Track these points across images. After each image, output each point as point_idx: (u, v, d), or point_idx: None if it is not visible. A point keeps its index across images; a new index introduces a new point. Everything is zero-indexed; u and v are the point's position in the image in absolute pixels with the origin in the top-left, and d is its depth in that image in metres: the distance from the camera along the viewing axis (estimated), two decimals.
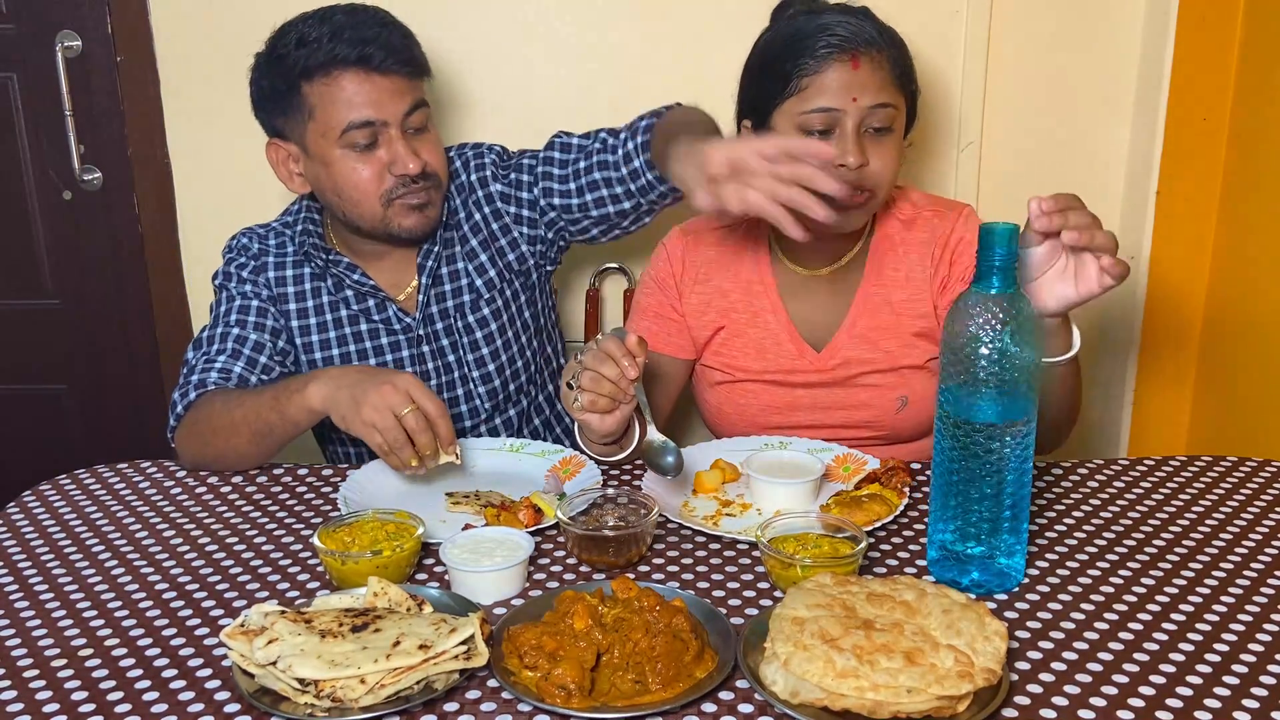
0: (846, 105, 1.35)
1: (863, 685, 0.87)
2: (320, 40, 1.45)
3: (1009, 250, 1.03)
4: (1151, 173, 2.00)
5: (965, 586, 1.11)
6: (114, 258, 2.14)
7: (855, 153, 1.35)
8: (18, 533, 1.28)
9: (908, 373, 1.51)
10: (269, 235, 1.64)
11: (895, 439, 1.55)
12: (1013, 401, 1.05)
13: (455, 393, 1.65)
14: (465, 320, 1.64)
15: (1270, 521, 1.27)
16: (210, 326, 1.58)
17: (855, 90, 1.34)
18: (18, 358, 2.21)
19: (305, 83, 1.47)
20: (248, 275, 1.60)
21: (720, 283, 1.55)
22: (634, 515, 1.22)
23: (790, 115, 1.38)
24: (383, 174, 1.50)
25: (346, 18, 1.48)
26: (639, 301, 1.61)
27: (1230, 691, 0.94)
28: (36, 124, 2.07)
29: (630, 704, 0.91)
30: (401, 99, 1.49)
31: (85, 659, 1.01)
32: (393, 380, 1.29)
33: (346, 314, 1.62)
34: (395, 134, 1.49)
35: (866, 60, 1.35)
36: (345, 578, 1.12)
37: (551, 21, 1.99)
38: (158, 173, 2.06)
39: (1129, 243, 2.09)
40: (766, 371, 1.53)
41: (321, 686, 0.90)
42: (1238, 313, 1.97)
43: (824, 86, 1.35)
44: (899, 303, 1.51)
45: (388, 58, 1.46)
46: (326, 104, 1.47)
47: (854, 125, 1.36)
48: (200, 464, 1.46)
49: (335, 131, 1.47)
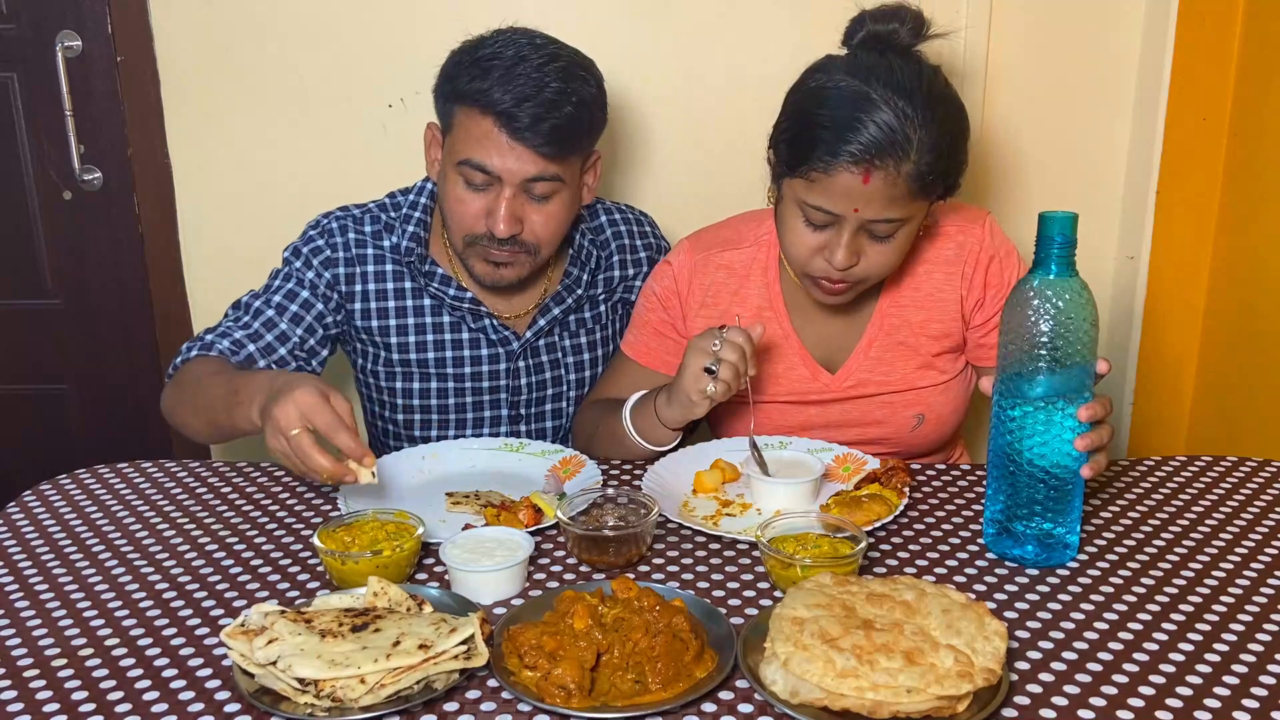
0: (847, 213, 1.30)
1: (862, 685, 0.87)
2: (489, 74, 1.41)
3: (1067, 237, 1.08)
4: (1151, 173, 2.00)
5: (1021, 557, 1.15)
6: (114, 258, 2.14)
7: (844, 256, 1.32)
8: (18, 533, 1.28)
9: (925, 392, 1.50)
10: (365, 219, 1.59)
11: (911, 454, 1.54)
12: (1070, 377, 1.10)
13: (544, 408, 1.67)
14: (565, 344, 1.66)
15: (1270, 521, 1.27)
16: (256, 295, 1.56)
17: (859, 201, 1.28)
18: (18, 358, 2.21)
19: (458, 101, 1.45)
20: (317, 263, 1.56)
21: (728, 306, 1.52)
22: (634, 515, 1.22)
23: (795, 192, 1.33)
24: (480, 217, 1.47)
25: (532, 70, 1.41)
26: (640, 314, 1.59)
27: (1230, 691, 0.94)
28: (36, 124, 2.07)
29: (630, 704, 0.91)
30: (525, 167, 1.43)
31: (85, 659, 1.01)
32: (290, 396, 1.19)
33: (449, 320, 1.60)
34: (509, 192, 1.45)
35: (881, 175, 1.26)
36: (345, 578, 1.12)
37: (552, 22, 1.99)
38: (158, 173, 2.06)
39: (1129, 243, 2.09)
40: (779, 394, 1.52)
41: (321, 686, 0.90)
42: (1238, 313, 1.97)
43: (830, 189, 1.28)
44: (918, 324, 1.49)
45: (533, 127, 1.40)
46: (461, 130, 1.45)
47: (851, 230, 1.32)
48: (170, 418, 1.50)
49: (457, 157, 1.46)
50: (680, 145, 2.03)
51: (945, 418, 1.51)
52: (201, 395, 1.40)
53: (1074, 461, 1.13)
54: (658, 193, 2.04)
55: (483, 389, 1.62)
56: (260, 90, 2.00)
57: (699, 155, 2.03)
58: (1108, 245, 2.11)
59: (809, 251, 1.35)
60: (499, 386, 1.63)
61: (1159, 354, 2.10)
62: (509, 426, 1.65)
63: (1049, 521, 1.15)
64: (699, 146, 2.02)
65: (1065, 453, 1.12)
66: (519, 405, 1.65)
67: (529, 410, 1.66)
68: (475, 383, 1.62)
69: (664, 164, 2.04)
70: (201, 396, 1.40)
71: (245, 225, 2.05)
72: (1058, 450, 1.12)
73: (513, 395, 1.63)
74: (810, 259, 1.36)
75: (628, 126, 1.99)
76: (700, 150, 2.02)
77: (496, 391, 1.63)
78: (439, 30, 1.97)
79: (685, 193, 2.02)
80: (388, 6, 1.96)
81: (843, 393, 1.51)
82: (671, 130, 2.02)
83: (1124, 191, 2.09)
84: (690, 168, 2.03)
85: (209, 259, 2.10)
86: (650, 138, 2.02)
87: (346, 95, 2.00)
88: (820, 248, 1.35)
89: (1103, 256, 2.12)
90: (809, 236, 1.34)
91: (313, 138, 2.02)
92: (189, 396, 1.44)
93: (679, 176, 2.05)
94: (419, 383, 1.61)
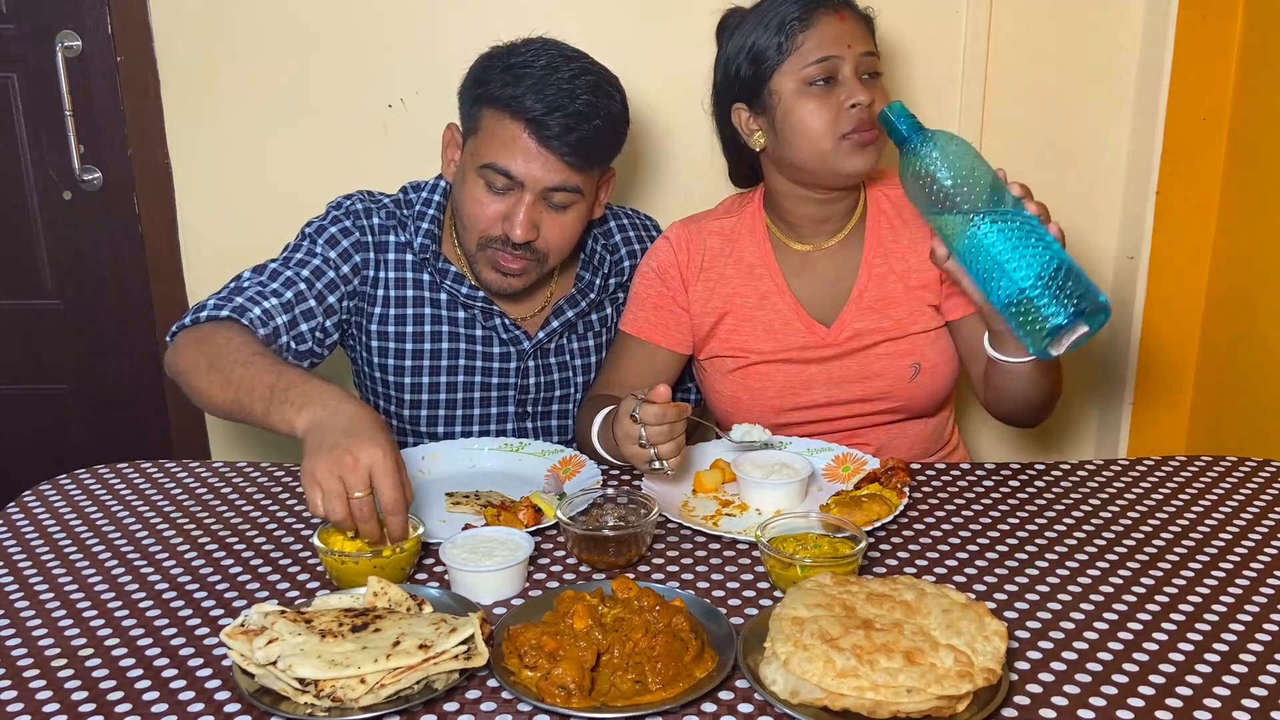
0: (843, 52, 1.42)
1: (862, 685, 0.87)
2: (522, 80, 1.42)
3: (901, 116, 1.22)
4: (1151, 173, 2.00)
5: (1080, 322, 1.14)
6: (114, 258, 2.14)
7: (863, 92, 1.42)
8: (18, 533, 1.28)
9: (919, 340, 1.53)
10: (378, 211, 1.58)
11: (911, 411, 1.57)
12: (987, 193, 1.18)
13: (551, 407, 1.67)
14: (574, 346, 1.66)
15: (1270, 521, 1.27)
16: (281, 263, 1.51)
17: (848, 39, 1.43)
18: (18, 358, 2.21)
19: (487, 104, 1.45)
20: (347, 243, 1.54)
21: (723, 269, 1.57)
22: (634, 515, 1.23)
23: (792, 74, 1.43)
24: (496, 221, 1.47)
25: (564, 80, 1.42)
26: (636, 292, 1.62)
27: (1230, 691, 0.94)
28: (36, 124, 2.07)
29: (630, 704, 0.91)
30: (550, 175, 1.44)
31: (85, 659, 1.01)
32: (364, 447, 1.13)
33: (464, 315, 1.60)
34: (529, 198, 1.45)
35: (848, 13, 1.45)
36: (345, 578, 1.12)
37: (553, 21, 1.99)
38: (158, 173, 2.06)
39: (1129, 243, 2.09)
40: (779, 351, 1.55)
41: (321, 686, 0.90)
42: (1237, 313, 1.97)
43: (820, 39, 1.42)
44: (904, 271, 1.54)
45: (561, 136, 1.41)
46: (487, 134, 1.45)
47: (852, 70, 1.43)
48: (177, 373, 1.38)
49: (480, 160, 1.45)
50: (681, 148, 2.03)
51: (940, 367, 1.54)
52: (237, 371, 1.31)
53: (1043, 245, 1.15)
54: (662, 198, 2.04)
55: (492, 385, 1.62)
56: (260, 90, 2.00)
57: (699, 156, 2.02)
58: (1108, 245, 2.12)
59: (826, 123, 1.43)
60: (508, 385, 1.63)
61: (1159, 354, 2.10)
62: (516, 424, 1.65)
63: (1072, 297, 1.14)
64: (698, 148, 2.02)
65: (1032, 243, 1.15)
66: (526, 404, 1.65)
67: (535, 409, 1.66)
68: (485, 378, 1.62)
69: (666, 167, 2.04)
70: (237, 371, 1.31)
71: (245, 225, 2.05)
72: (1024, 247, 1.15)
73: (521, 394, 1.64)
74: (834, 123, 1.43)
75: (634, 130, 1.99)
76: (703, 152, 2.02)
77: (505, 389, 1.63)
78: (439, 30, 1.99)
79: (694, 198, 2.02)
80: (387, 7, 1.96)
81: (840, 346, 1.54)
82: (678, 134, 2.02)
83: (1124, 191, 2.09)
84: (691, 169, 2.03)
85: (209, 259, 2.10)
86: (656, 141, 2.02)
87: (346, 95, 2.00)
88: (839, 109, 1.43)
89: (1103, 256, 2.12)
90: (826, 99, 1.43)
91: (313, 138, 2.02)
92: (218, 365, 1.32)
93: (681, 179, 2.05)
94: (428, 377, 1.60)
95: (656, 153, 2.04)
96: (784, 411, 1.55)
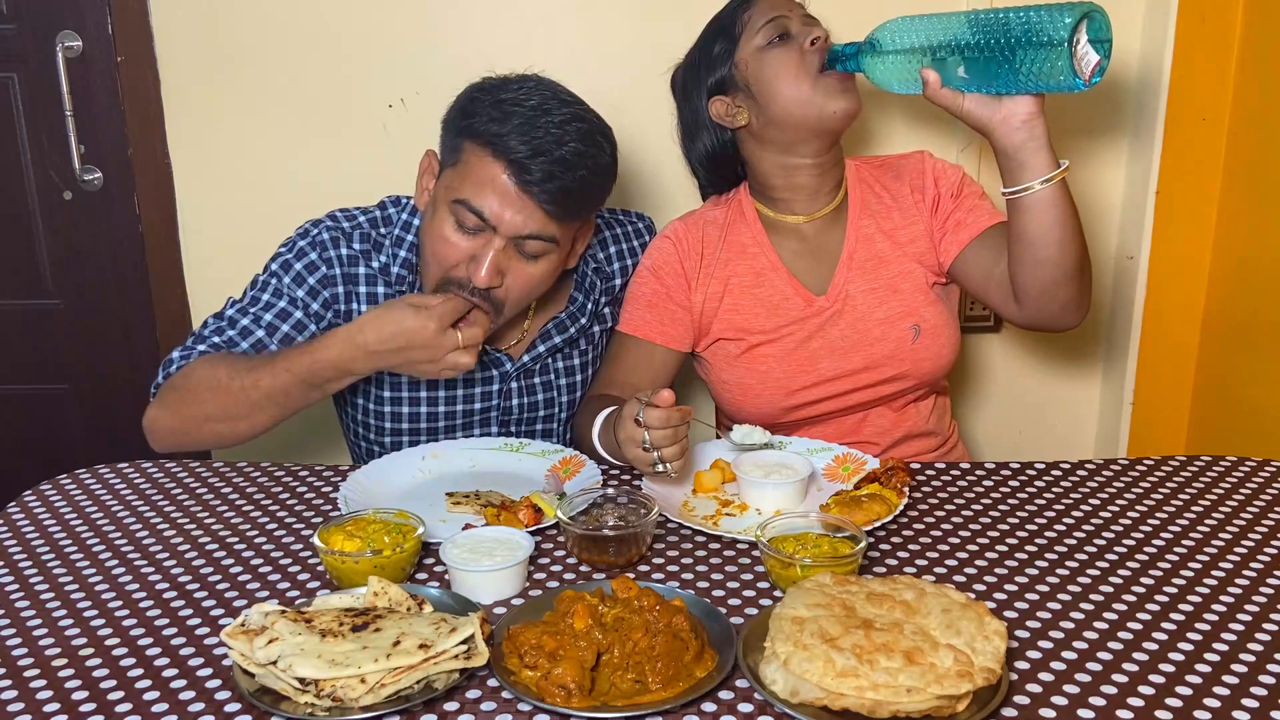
0: (788, 11, 1.54)
1: (862, 685, 0.87)
2: (509, 119, 1.35)
3: (850, 46, 1.41)
4: (1151, 173, 2.00)
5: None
6: (114, 258, 2.14)
7: (818, 28, 1.52)
8: (18, 533, 1.28)
9: (913, 299, 1.56)
10: (355, 235, 1.52)
11: (919, 380, 1.58)
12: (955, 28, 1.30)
13: (535, 428, 1.65)
14: (559, 365, 1.64)
15: (1270, 521, 1.27)
16: (244, 307, 1.48)
17: (786, 6, 1.55)
18: (18, 358, 2.21)
19: (470, 138, 1.38)
20: (313, 281, 1.49)
21: (721, 253, 1.61)
22: (634, 515, 1.23)
23: (749, 44, 1.53)
24: (461, 261, 1.40)
25: (553, 124, 1.36)
26: (634, 291, 1.63)
27: (1230, 691, 0.94)
28: (36, 124, 2.07)
29: (630, 704, 0.91)
30: (524, 222, 1.37)
31: (85, 659, 1.01)
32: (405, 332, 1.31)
33: None
34: (499, 242, 1.38)
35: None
36: (345, 577, 1.12)
37: (552, 22, 1.99)
38: (158, 173, 2.06)
39: (1129, 242, 2.09)
40: (779, 328, 1.57)
41: (322, 686, 0.90)
42: (1237, 312, 1.97)
43: (764, 8, 1.53)
44: (891, 229, 1.59)
45: (542, 183, 1.35)
46: (465, 169, 1.38)
47: (800, 24, 1.53)
48: (180, 436, 1.41)
49: (454, 194, 1.39)
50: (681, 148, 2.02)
51: (940, 328, 1.56)
52: (236, 380, 1.33)
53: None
54: (663, 198, 2.04)
55: (474, 410, 1.59)
56: (260, 90, 2.00)
57: None
58: (1108, 245, 2.11)
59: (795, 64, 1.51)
60: (490, 408, 1.60)
61: (1159, 354, 2.10)
62: None
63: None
64: None
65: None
66: (509, 425, 1.62)
67: (519, 430, 1.63)
68: (467, 404, 1.59)
69: (667, 166, 2.04)
70: (236, 381, 1.33)
71: (245, 225, 2.05)
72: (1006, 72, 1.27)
73: (503, 415, 1.61)
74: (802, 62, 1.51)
75: (634, 130, 1.99)
76: None
77: (488, 412, 1.60)
78: (439, 31, 1.99)
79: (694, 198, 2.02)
80: (387, 7, 1.96)
81: (835, 308, 1.56)
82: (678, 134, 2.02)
83: (1124, 191, 2.09)
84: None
85: (209, 259, 2.10)
86: (656, 141, 2.02)
87: (346, 95, 2.00)
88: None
89: (1103, 256, 2.12)
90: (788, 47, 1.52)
91: (313, 138, 2.02)
92: (211, 393, 1.35)
93: (681, 179, 2.05)
94: (408, 407, 1.57)
95: (657, 153, 2.04)
96: (792, 392, 1.56)
